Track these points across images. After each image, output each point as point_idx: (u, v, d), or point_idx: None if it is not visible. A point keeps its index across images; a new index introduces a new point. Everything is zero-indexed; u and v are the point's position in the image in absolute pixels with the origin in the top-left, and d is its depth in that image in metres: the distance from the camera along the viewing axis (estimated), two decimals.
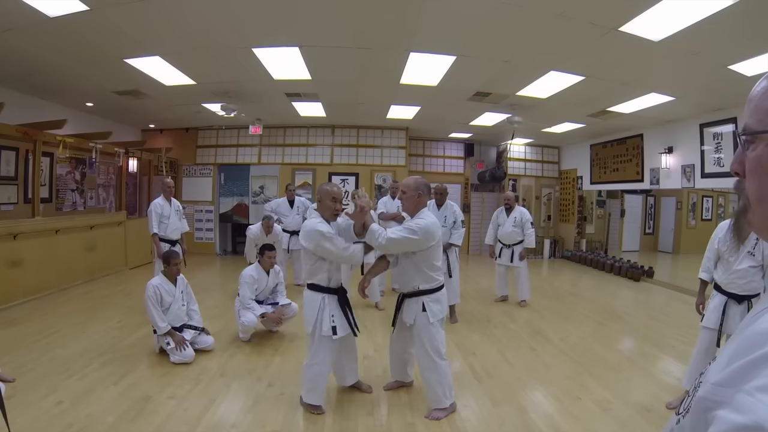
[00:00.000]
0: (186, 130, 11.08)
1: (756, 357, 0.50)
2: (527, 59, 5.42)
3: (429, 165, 12.15)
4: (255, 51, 5.37)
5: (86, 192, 8.72)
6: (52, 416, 3.08)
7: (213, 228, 11.13)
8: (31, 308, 5.67)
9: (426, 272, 3.33)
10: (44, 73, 6.19)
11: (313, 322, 3.29)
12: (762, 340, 0.51)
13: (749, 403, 0.47)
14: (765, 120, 0.62)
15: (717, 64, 5.00)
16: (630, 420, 3.28)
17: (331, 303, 3.33)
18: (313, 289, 3.35)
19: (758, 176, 0.63)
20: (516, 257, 6.61)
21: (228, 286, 7.37)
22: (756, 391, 0.47)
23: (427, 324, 3.31)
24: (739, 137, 0.67)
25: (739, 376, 0.51)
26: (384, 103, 8.30)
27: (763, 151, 0.62)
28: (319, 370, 3.31)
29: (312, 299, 3.33)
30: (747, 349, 0.52)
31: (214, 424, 3.13)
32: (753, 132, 0.64)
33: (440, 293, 3.40)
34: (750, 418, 0.46)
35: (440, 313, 3.37)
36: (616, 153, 10.07)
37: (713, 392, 0.54)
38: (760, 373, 0.49)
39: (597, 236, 11.78)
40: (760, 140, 0.63)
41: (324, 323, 3.28)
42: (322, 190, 3.42)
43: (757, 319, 0.57)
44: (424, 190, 3.40)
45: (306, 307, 3.36)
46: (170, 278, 4.46)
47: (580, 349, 4.83)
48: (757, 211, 0.64)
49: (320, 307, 3.30)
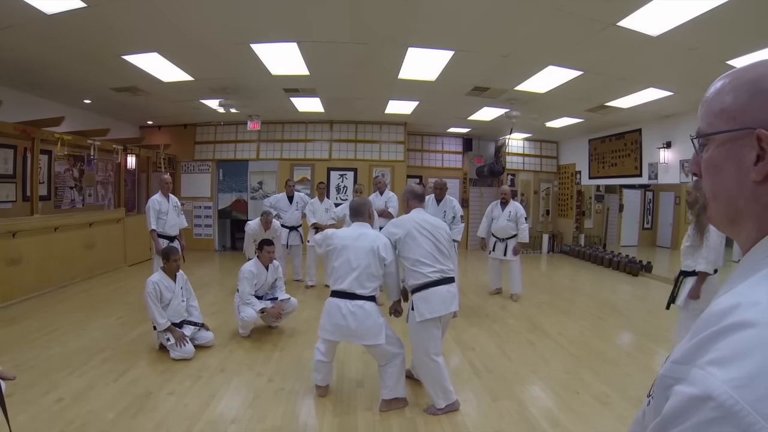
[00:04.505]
0: (184, 126, 11.06)
1: (708, 334, 0.54)
2: (526, 54, 5.42)
3: (427, 160, 12.14)
4: (253, 47, 5.36)
5: (85, 189, 8.71)
6: (53, 413, 3.09)
7: (212, 224, 11.13)
8: (31, 306, 5.67)
9: (408, 268, 3.33)
10: (42, 71, 6.18)
11: (383, 328, 3.26)
12: (715, 320, 0.55)
13: (700, 376, 0.51)
14: (714, 123, 0.68)
15: (715, 60, 4.99)
16: (628, 414, 3.29)
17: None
18: (372, 300, 3.30)
19: (711, 175, 0.69)
20: (509, 251, 6.63)
21: (227, 282, 7.38)
22: (707, 364, 0.51)
23: (414, 323, 3.29)
24: (693, 141, 0.73)
25: (694, 353, 0.54)
26: (382, 98, 8.29)
27: (714, 152, 0.68)
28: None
29: (376, 309, 3.29)
30: (702, 329, 0.56)
31: (214, 419, 3.14)
32: (705, 134, 0.70)
33: (429, 291, 3.26)
34: (700, 389, 0.50)
35: (428, 312, 3.23)
36: (614, 148, 10.07)
37: (672, 369, 0.58)
38: (711, 348, 0.52)
39: (595, 231, 11.81)
40: (711, 142, 0.69)
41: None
42: (370, 203, 3.65)
43: (714, 301, 0.61)
44: (409, 196, 3.60)
45: (371, 320, 3.23)
46: (169, 274, 4.46)
47: (579, 344, 4.85)
48: (712, 206, 0.71)
49: (379, 312, 3.34)
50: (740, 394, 0.46)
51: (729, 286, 0.63)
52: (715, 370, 0.50)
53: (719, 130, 0.67)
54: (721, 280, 7.77)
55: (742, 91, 0.65)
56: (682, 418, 0.51)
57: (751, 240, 0.65)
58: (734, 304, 0.55)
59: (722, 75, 0.69)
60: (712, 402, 0.48)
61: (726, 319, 0.53)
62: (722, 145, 0.66)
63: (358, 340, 3.28)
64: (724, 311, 0.55)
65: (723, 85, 0.68)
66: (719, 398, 0.47)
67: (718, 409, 0.47)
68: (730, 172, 0.66)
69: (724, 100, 0.67)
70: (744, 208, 0.65)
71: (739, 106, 0.64)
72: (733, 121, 0.65)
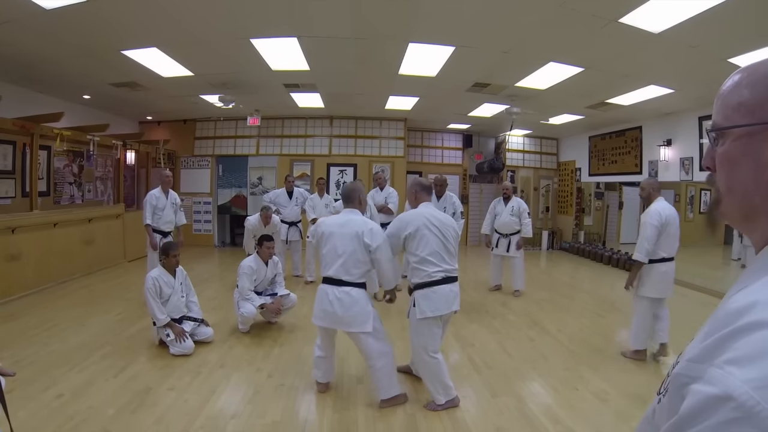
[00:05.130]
0: (184, 121, 11.03)
1: (726, 333, 0.54)
2: (526, 50, 5.39)
3: (427, 156, 12.13)
4: (253, 42, 5.33)
5: (84, 185, 8.69)
6: (53, 409, 3.10)
7: (211, 220, 11.12)
8: (30, 302, 5.67)
9: (414, 265, 3.31)
10: (41, 66, 6.14)
11: (371, 316, 3.25)
12: (732, 319, 0.54)
13: (719, 375, 0.50)
14: (731, 116, 0.66)
15: (717, 57, 4.97)
16: (627, 411, 3.30)
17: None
18: (361, 287, 3.29)
19: (727, 170, 0.68)
20: (513, 247, 6.63)
21: (227, 278, 7.38)
22: (725, 363, 0.51)
23: (415, 320, 3.29)
24: (708, 134, 0.71)
25: (711, 352, 0.54)
26: (382, 93, 8.27)
27: (730, 146, 0.67)
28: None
29: (364, 296, 3.29)
30: (719, 327, 0.55)
31: (214, 414, 3.15)
32: (720, 128, 0.68)
33: (432, 290, 3.25)
34: (719, 388, 0.49)
35: (429, 311, 3.23)
36: (614, 145, 10.06)
37: (688, 368, 0.57)
38: (729, 347, 0.52)
39: (595, 228, 11.79)
40: (727, 136, 0.67)
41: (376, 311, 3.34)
42: (362, 189, 3.58)
43: (729, 299, 0.61)
44: (418, 188, 3.54)
45: (358, 307, 3.23)
46: (169, 270, 4.46)
47: (578, 341, 4.86)
48: (727, 202, 0.69)
49: (369, 300, 3.33)
50: (761, 394, 0.46)
51: (743, 284, 0.62)
52: (734, 369, 0.49)
53: (736, 124, 0.65)
54: (721, 277, 7.75)
55: (762, 86, 0.64)
56: (701, 418, 0.50)
57: (765, 237, 0.65)
58: (751, 302, 0.54)
59: (738, 69, 0.68)
60: (733, 402, 0.47)
61: (743, 318, 0.53)
62: (739, 140, 0.65)
63: (345, 327, 3.28)
64: (741, 310, 0.54)
65: (741, 79, 0.67)
66: (740, 398, 0.47)
67: (738, 410, 0.47)
68: (747, 168, 0.64)
69: (742, 93, 0.66)
70: (760, 205, 0.64)
71: (758, 100, 0.63)
72: (752, 115, 0.64)
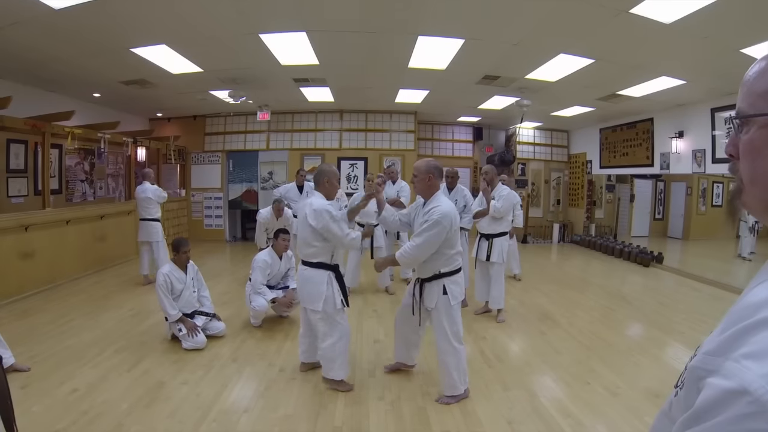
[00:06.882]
0: (194, 117, 11.09)
1: (743, 327, 0.54)
2: (537, 42, 5.34)
3: (438, 149, 12.06)
4: (262, 37, 5.33)
5: (95, 182, 8.78)
6: (68, 404, 3.14)
7: (222, 215, 11.19)
8: (44, 299, 5.74)
9: (447, 254, 3.28)
10: (50, 66, 6.19)
11: (323, 298, 3.37)
12: (750, 312, 0.54)
13: (735, 369, 0.50)
14: (757, 103, 0.64)
15: (729, 48, 4.89)
16: (638, 404, 3.28)
17: (333, 278, 3.46)
18: (318, 267, 3.44)
19: (751, 158, 0.65)
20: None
21: (238, 272, 7.43)
22: (742, 357, 0.51)
23: (449, 307, 3.30)
24: (732, 121, 0.69)
25: (728, 345, 0.54)
26: (392, 87, 8.23)
27: (755, 134, 0.64)
28: (345, 343, 3.48)
29: (319, 276, 3.42)
30: (736, 320, 0.55)
31: (226, 408, 3.18)
32: (746, 115, 0.66)
33: (459, 275, 3.37)
34: (736, 382, 0.49)
35: (460, 295, 3.36)
36: (626, 137, 9.95)
37: (704, 361, 0.57)
38: (746, 341, 0.52)
39: (606, 221, 11.69)
40: (752, 123, 0.65)
41: (336, 298, 3.42)
42: (329, 172, 3.53)
43: (748, 293, 0.60)
44: (435, 172, 3.33)
45: (311, 285, 3.43)
46: (180, 266, 4.49)
47: (589, 334, 4.84)
48: (750, 191, 0.66)
49: (328, 283, 3.41)
50: None
51: (762, 278, 0.61)
52: (750, 363, 0.49)
53: (763, 112, 0.63)
54: (734, 271, 7.73)
55: None
56: (716, 411, 0.50)
57: None
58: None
59: (765, 55, 0.66)
60: (749, 396, 0.47)
61: (761, 312, 0.53)
62: (765, 128, 0.63)
63: (303, 302, 3.56)
64: (759, 304, 0.54)
65: (767, 66, 0.65)
66: (756, 393, 0.47)
67: (754, 404, 0.47)
68: None
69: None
70: None
71: None
72: None
